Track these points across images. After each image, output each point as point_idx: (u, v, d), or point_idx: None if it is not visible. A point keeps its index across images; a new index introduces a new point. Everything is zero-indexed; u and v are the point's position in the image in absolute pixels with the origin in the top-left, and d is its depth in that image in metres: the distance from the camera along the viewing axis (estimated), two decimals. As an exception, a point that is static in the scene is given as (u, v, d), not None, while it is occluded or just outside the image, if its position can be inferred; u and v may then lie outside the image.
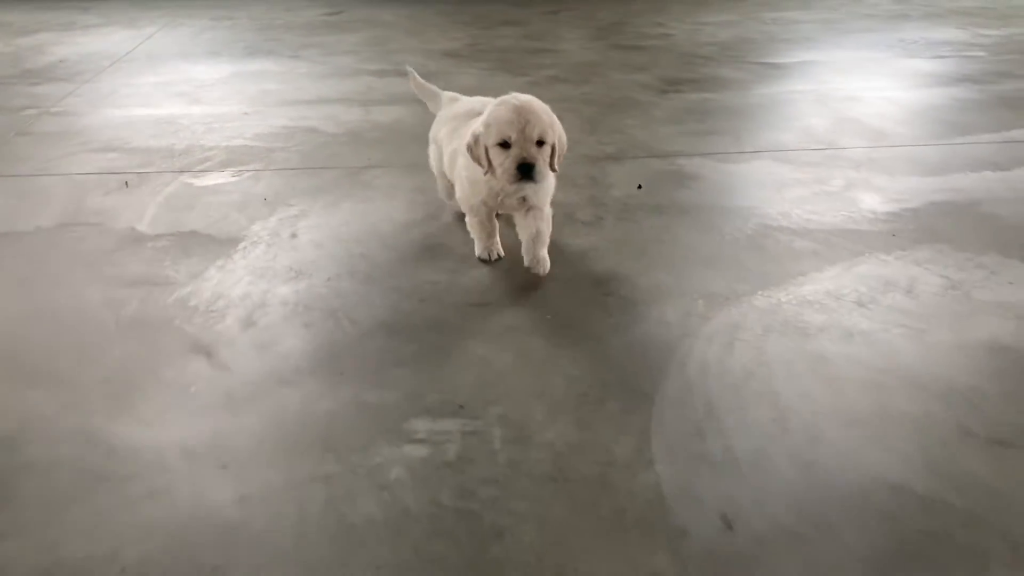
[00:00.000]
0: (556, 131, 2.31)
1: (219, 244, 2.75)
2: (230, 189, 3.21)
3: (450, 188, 2.76)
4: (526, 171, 2.22)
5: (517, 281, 2.50)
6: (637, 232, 2.82)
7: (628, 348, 2.16)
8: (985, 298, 2.38)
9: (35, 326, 2.28)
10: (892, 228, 2.82)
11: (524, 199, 2.41)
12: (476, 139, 2.28)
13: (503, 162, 2.23)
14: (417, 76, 3.02)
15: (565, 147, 2.37)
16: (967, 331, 2.21)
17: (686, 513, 1.62)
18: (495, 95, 2.43)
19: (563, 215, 2.91)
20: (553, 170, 2.33)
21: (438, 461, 1.77)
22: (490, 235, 2.55)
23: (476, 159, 2.31)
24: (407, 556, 1.53)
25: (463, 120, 2.55)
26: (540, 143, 2.24)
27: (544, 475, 1.72)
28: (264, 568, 1.51)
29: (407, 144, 3.61)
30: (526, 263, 2.44)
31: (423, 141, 2.99)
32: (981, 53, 5.19)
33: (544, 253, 2.44)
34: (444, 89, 3.00)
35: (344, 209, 3.03)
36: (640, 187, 3.23)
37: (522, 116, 2.21)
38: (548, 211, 2.47)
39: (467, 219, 2.55)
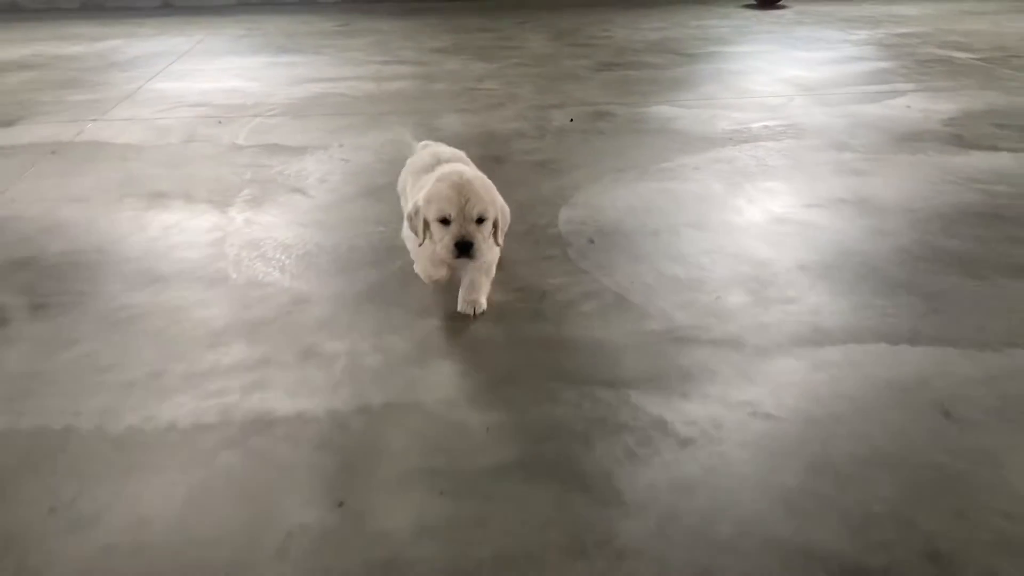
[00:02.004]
0: (497, 206, 2.31)
1: (293, 150, 4.24)
2: (291, 124, 4.72)
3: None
4: (464, 249, 2.22)
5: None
6: (567, 142, 4.34)
7: (556, 190, 3.66)
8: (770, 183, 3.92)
9: (193, 183, 3.75)
10: (731, 136, 4.36)
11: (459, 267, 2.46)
12: (416, 211, 2.29)
13: (443, 238, 2.23)
14: (407, 135, 3.21)
15: (508, 221, 2.39)
16: (813, 191, 3.74)
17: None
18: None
19: (516, 134, 4.44)
20: (497, 244, 2.35)
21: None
22: (434, 265, 2.45)
23: (414, 229, 2.32)
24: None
25: (420, 173, 2.56)
26: (480, 220, 2.24)
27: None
28: None
29: (410, 102, 5.13)
30: (459, 308, 2.48)
31: (421, 101, 4.50)
32: (847, 46, 6.81)
33: (476, 297, 2.48)
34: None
35: (369, 135, 4.53)
36: (572, 120, 4.76)
37: (462, 194, 2.21)
38: (491, 259, 2.47)
39: (409, 243, 2.55)
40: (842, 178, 3.69)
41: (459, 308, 2.48)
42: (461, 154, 2.72)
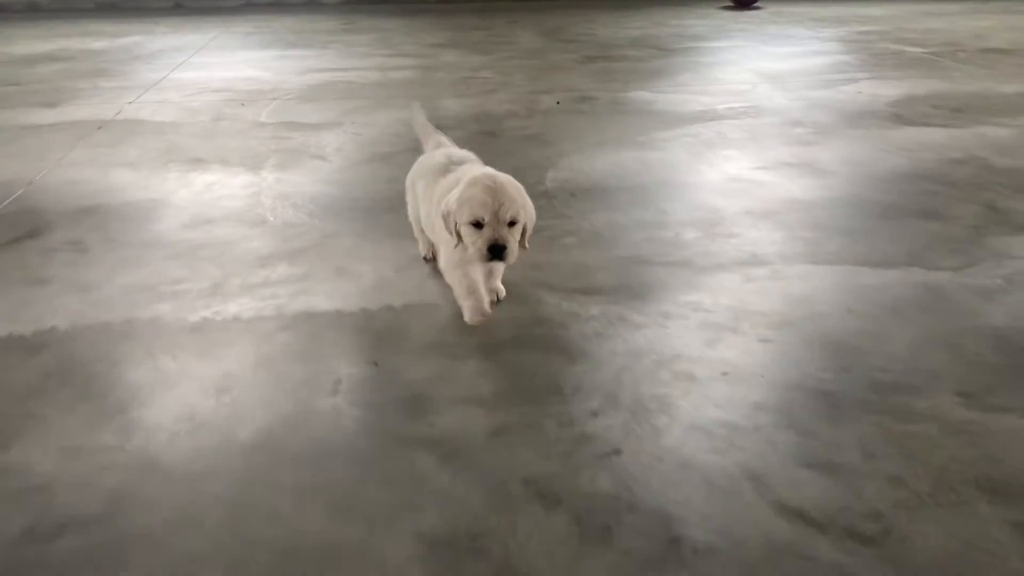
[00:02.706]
0: (528, 211, 2.31)
1: (310, 127, 4.80)
2: (307, 106, 5.27)
3: (430, 245, 2.85)
4: (497, 252, 2.23)
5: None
6: (553, 120, 4.91)
7: (543, 158, 4.21)
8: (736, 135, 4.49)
9: (226, 152, 4.28)
10: (698, 116, 4.93)
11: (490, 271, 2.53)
12: (448, 214, 2.29)
13: (475, 241, 2.23)
14: (422, 115, 3.11)
15: (534, 223, 2.38)
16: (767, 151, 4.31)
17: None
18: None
19: (508, 114, 5.00)
20: (523, 248, 2.32)
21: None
22: (473, 291, 2.40)
23: (448, 230, 2.32)
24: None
25: (436, 175, 2.57)
26: (512, 223, 2.24)
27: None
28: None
29: (413, 88, 5.69)
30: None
31: (423, 88, 5.06)
32: (813, 42, 7.42)
33: (496, 284, 2.62)
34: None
35: (377, 114, 5.09)
36: (558, 103, 5.33)
37: (496, 198, 2.21)
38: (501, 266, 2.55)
39: (447, 276, 2.48)
40: (791, 147, 4.26)
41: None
42: (472, 155, 2.71)
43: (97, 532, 1.69)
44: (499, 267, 2.55)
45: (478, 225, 2.24)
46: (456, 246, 2.32)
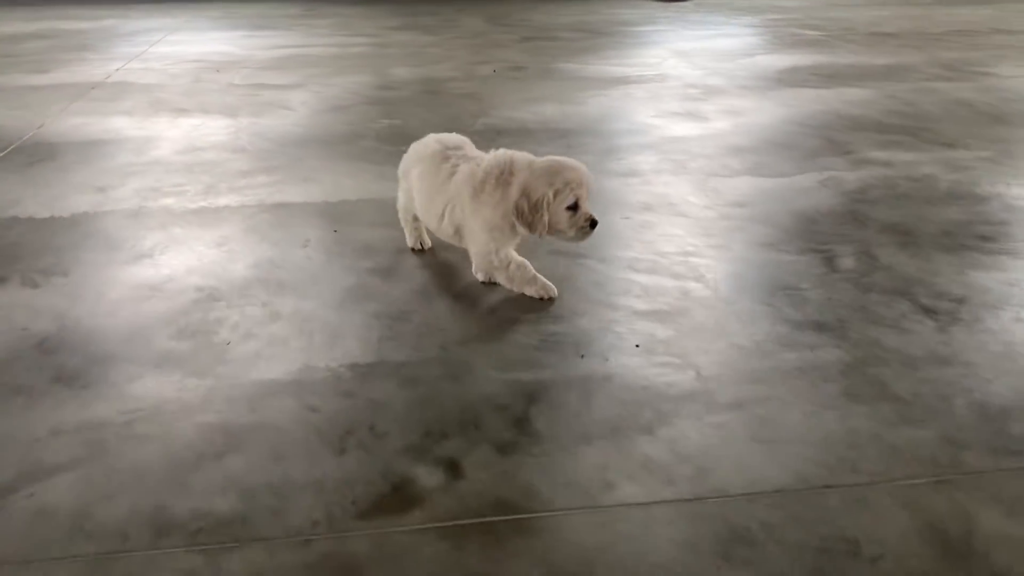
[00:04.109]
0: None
1: (279, 87, 5.56)
2: (274, 72, 6.01)
3: (417, 234, 2.89)
4: (594, 225, 2.39)
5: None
6: (489, 83, 5.72)
7: (478, 110, 5.04)
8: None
9: (206, 104, 5.04)
10: (613, 81, 5.80)
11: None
12: (536, 203, 2.31)
13: (576, 221, 2.35)
14: None
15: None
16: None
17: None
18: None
19: (450, 79, 5.83)
20: None
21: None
22: (533, 276, 2.52)
23: (528, 223, 2.34)
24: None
25: (434, 163, 2.60)
26: None
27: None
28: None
29: (368, 60, 6.47)
30: (531, 293, 2.54)
31: (377, 59, 5.86)
32: (728, 27, 8.36)
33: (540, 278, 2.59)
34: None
35: (338, 78, 5.85)
36: (495, 71, 6.17)
37: (587, 180, 2.37)
38: None
39: (499, 275, 2.53)
40: (682, 103, 5.15)
41: (531, 293, 2.56)
42: (464, 139, 2.75)
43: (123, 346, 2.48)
44: None
45: (573, 207, 2.36)
46: (541, 236, 2.39)
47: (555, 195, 2.32)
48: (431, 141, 2.71)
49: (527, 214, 2.33)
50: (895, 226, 3.16)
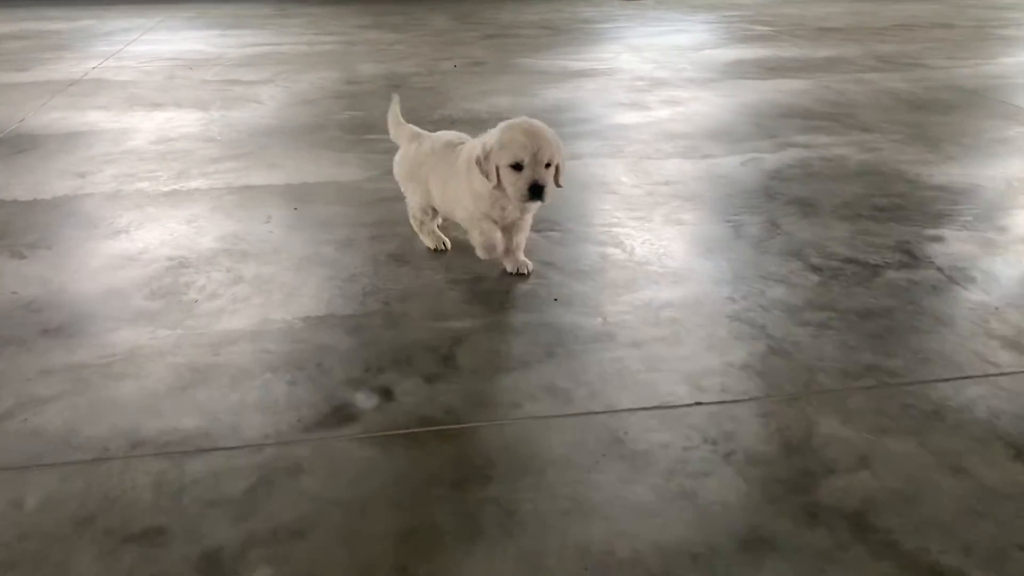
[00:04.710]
0: (561, 153, 2.43)
1: (249, 83, 5.85)
2: (245, 69, 6.31)
3: (435, 235, 2.94)
4: (536, 192, 2.37)
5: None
6: (450, 78, 6.04)
7: (437, 101, 5.36)
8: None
9: (179, 99, 5.34)
10: (566, 74, 6.14)
11: (522, 212, 2.57)
12: (487, 155, 2.40)
13: (515, 182, 2.37)
14: (398, 107, 3.04)
15: (565, 164, 2.51)
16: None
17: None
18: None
19: (413, 74, 6.15)
20: (558, 186, 2.48)
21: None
22: (488, 235, 2.60)
23: (485, 173, 2.41)
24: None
25: (447, 154, 2.70)
26: (547, 164, 2.38)
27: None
28: None
29: (335, 57, 6.79)
30: (509, 269, 2.70)
31: (344, 56, 6.17)
32: (684, 23, 8.73)
33: (522, 257, 2.72)
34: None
35: (306, 74, 6.16)
36: (455, 66, 6.49)
37: (535, 141, 2.35)
38: (528, 221, 2.68)
39: (469, 226, 2.64)
40: (628, 94, 5.50)
41: (509, 269, 2.72)
42: (466, 137, 2.79)
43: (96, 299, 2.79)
44: (526, 221, 2.68)
45: (517, 167, 2.37)
46: (495, 188, 2.44)
47: (500, 147, 2.38)
48: (435, 139, 2.83)
49: (482, 163, 2.43)
50: (802, 199, 3.52)
